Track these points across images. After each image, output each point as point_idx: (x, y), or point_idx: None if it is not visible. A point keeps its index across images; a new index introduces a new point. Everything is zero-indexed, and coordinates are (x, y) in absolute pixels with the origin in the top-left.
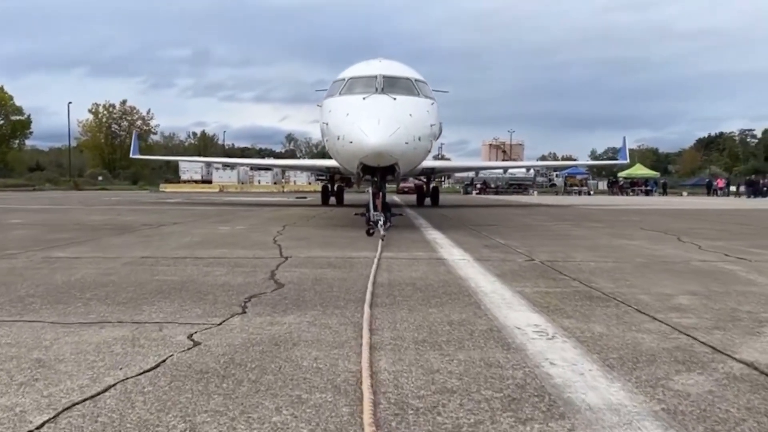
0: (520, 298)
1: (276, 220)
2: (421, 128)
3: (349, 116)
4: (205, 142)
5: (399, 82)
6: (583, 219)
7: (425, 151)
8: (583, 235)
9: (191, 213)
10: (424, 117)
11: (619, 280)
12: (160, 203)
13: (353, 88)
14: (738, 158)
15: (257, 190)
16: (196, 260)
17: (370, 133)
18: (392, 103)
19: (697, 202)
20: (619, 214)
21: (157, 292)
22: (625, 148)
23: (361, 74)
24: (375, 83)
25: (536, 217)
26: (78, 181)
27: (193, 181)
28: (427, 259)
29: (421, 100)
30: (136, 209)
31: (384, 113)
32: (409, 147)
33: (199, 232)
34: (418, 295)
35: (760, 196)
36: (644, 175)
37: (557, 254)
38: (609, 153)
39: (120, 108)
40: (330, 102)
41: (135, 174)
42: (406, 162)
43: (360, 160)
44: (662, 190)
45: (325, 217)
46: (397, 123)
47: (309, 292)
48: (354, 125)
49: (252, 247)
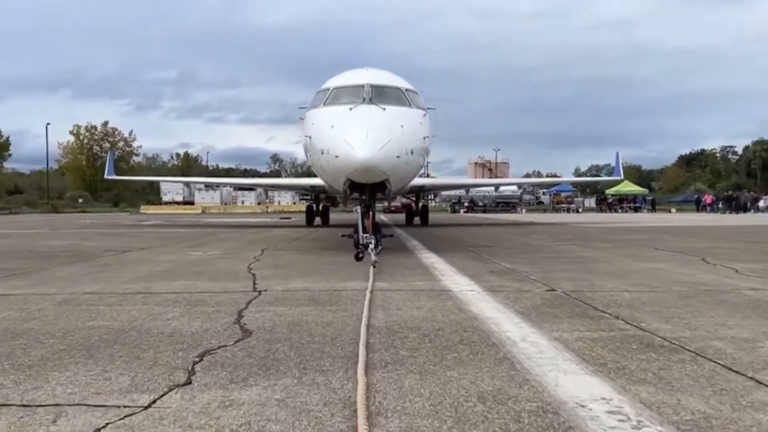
0: (562, 349)
1: (255, 243)
2: (414, 141)
3: (335, 128)
4: (188, 162)
5: (388, 92)
6: (585, 238)
7: (418, 166)
8: (597, 258)
9: (165, 236)
10: (416, 129)
11: (671, 318)
12: (136, 226)
13: (338, 98)
14: (720, 174)
15: (241, 210)
16: (149, 297)
17: (357, 146)
18: (381, 114)
19: (689, 219)
20: (620, 233)
21: (82, 348)
22: (619, 164)
23: (347, 83)
24: (362, 93)
25: (534, 237)
26: (57, 204)
27: (174, 202)
28: (430, 291)
29: (412, 111)
30: (106, 233)
31: (373, 124)
32: (401, 161)
33: (166, 259)
34: (427, 347)
35: (736, 211)
36: (632, 192)
37: (579, 282)
38: (593, 171)
39: (102, 129)
40: (313, 114)
41: (116, 196)
42: (397, 178)
43: (347, 176)
44: (651, 207)
45: (309, 239)
46: (388, 135)
47: (283, 344)
48: (340, 138)
49: (221, 278)
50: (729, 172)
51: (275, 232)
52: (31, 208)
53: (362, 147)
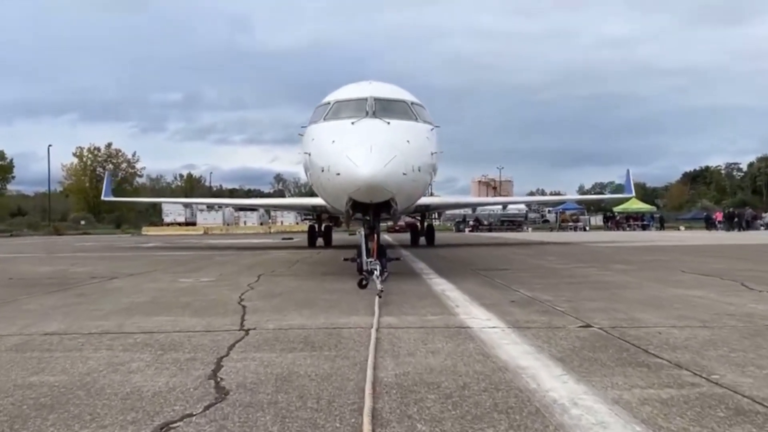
0: (629, 418)
1: (253, 267)
2: (421, 157)
3: (336, 144)
4: (191, 183)
5: (393, 105)
6: (601, 260)
7: (425, 184)
8: (622, 283)
9: (160, 260)
10: (423, 144)
11: (745, 365)
12: (134, 248)
13: (340, 113)
14: (725, 191)
15: (243, 231)
16: (117, 339)
17: (361, 162)
18: (386, 128)
19: (701, 237)
20: (636, 253)
21: (4, 420)
22: (630, 181)
23: (349, 97)
24: (365, 106)
25: (547, 258)
26: (58, 226)
27: (176, 223)
28: (445, 328)
29: (419, 125)
30: (100, 257)
31: (377, 139)
32: (407, 179)
33: (153, 287)
34: (452, 417)
35: (738, 228)
36: (640, 210)
37: (614, 314)
38: (597, 188)
39: (105, 151)
40: (313, 129)
41: (119, 217)
42: (404, 197)
43: (349, 196)
44: (659, 224)
45: (309, 261)
46: (393, 150)
47: (266, 412)
48: (341, 154)
49: (208, 312)
50: (734, 189)
51: (275, 255)
52: (33, 230)
53: (365, 163)
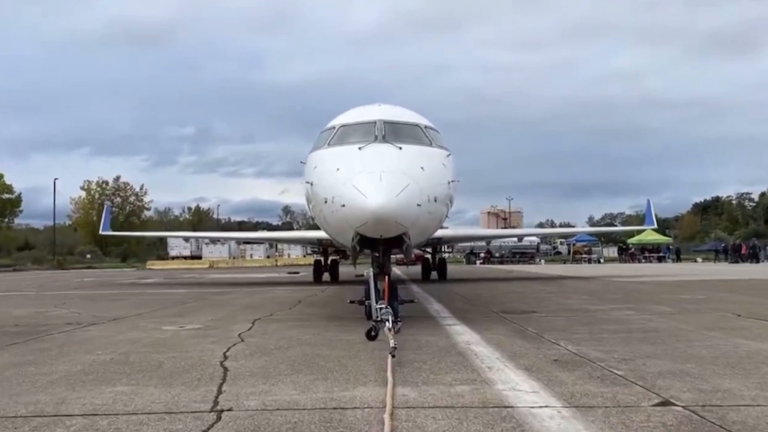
0: None
1: (249, 309)
2: (437, 186)
3: (341, 171)
4: (199, 216)
5: (404, 129)
6: (633, 298)
7: (441, 216)
8: (675, 331)
9: (152, 300)
10: (439, 171)
11: None
12: (132, 285)
13: (346, 138)
14: (738, 222)
15: (249, 264)
16: (43, 428)
17: (369, 192)
18: (397, 154)
19: (724, 270)
20: (669, 290)
21: None
22: (651, 212)
23: (356, 120)
24: (374, 130)
25: (573, 297)
26: (62, 260)
27: (182, 257)
28: (482, 408)
29: (434, 151)
30: (91, 295)
31: (388, 166)
32: (422, 211)
33: (128, 338)
34: None
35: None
36: (656, 241)
37: (692, 382)
38: (607, 219)
39: (113, 184)
40: (316, 156)
41: (125, 251)
42: (418, 231)
43: (356, 230)
44: (675, 256)
45: (313, 302)
46: (406, 179)
47: None
48: (347, 183)
49: (178, 379)
50: (747, 219)
51: (277, 293)
52: (37, 264)
53: (375, 193)
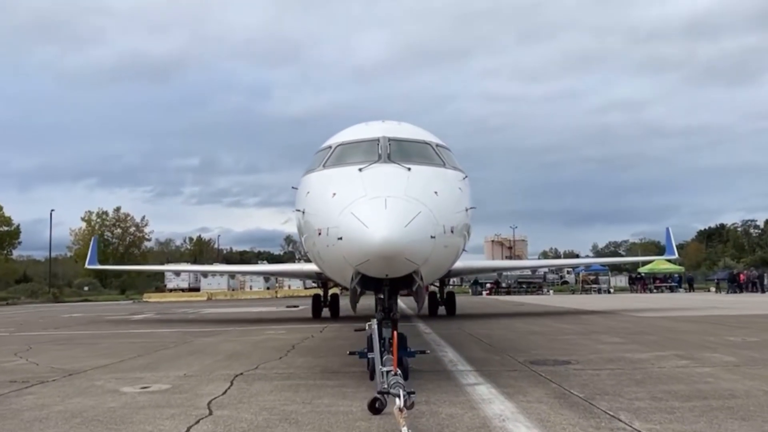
0: None
1: (233, 359)
2: (453, 213)
3: (338, 197)
4: (200, 247)
5: (413, 148)
6: (676, 342)
7: (458, 250)
8: (761, 397)
9: (129, 344)
10: (455, 196)
11: None
12: (117, 323)
13: (344, 158)
14: (744, 249)
15: (248, 297)
16: None
17: (372, 222)
18: (406, 176)
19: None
20: (707, 329)
21: None
22: (671, 241)
23: (356, 138)
24: (377, 149)
25: (604, 339)
26: (57, 293)
27: (179, 289)
28: None
29: (449, 172)
30: (67, 338)
31: (394, 191)
32: (437, 244)
33: (69, 409)
34: None
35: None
36: (668, 270)
37: None
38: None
39: (113, 215)
40: (308, 179)
41: (124, 282)
42: (431, 268)
43: (356, 269)
44: (688, 285)
45: (308, 348)
46: (417, 205)
47: None
48: (345, 211)
49: None
50: (753, 247)
51: (270, 333)
52: (32, 298)
53: (379, 224)
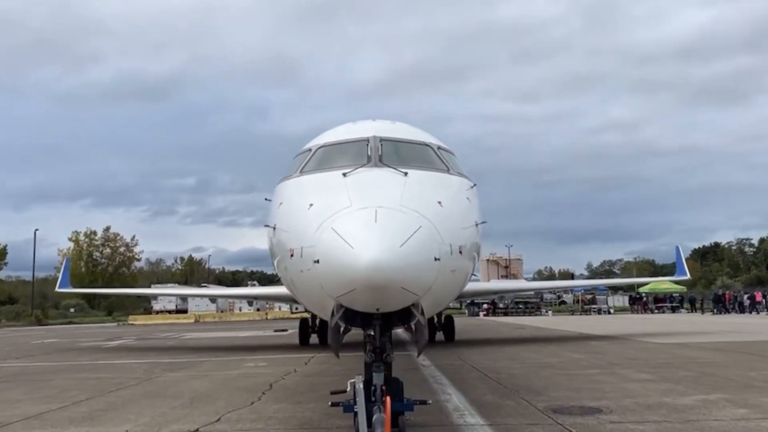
0: None
1: (195, 405)
2: (461, 229)
3: (316, 209)
4: (192, 267)
5: (410, 150)
6: (716, 380)
7: (467, 275)
8: None
9: (82, 382)
10: (463, 208)
11: None
12: (88, 351)
13: (326, 162)
14: (739, 267)
15: (237, 318)
16: None
17: (359, 240)
18: (401, 182)
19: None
20: (741, 361)
21: None
22: (682, 260)
23: (341, 139)
24: (366, 150)
25: (630, 375)
26: (40, 315)
27: (166, 311)
28: None
29: (454, 179)
30: (19, 371)
31: (387, 200)
32: (443, 268)
33: None
34: None
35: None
36: (669, 290)
37: None
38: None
39: (102, 235)
40: (283, 188)
41: (112, 304)
42: (435, 299)
43: (338, 300)
44: (690, 306)
45: (287, 388)
46: (416, 218)
47: None
48: (324, 226)
49: None
50: (748, 265)
51: (248, 367)
52: (13, 321)
53: (367, 242)
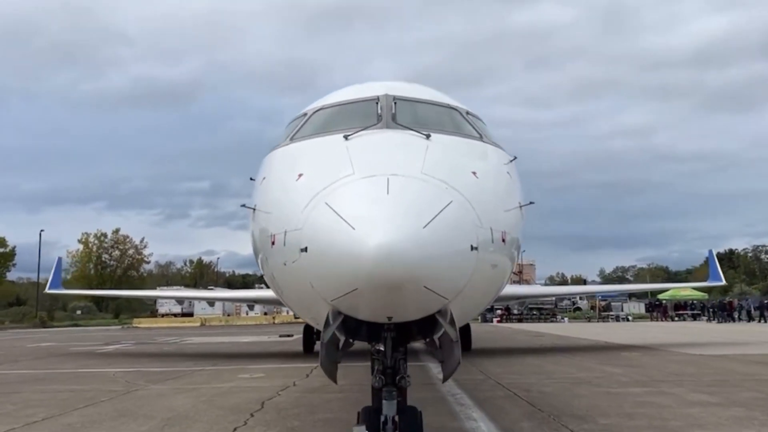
0: None
1: (176, 425)
2: (503, 210)
3: (306, 180)
4: (201, 270)
5: (432, 113)
6: None
7: (509, 271)
8: None
9: (58, 393)
10: (504, 184)
11: None
12: (77, 356)
13: (324, 127)
14: (755, 275)
15: (243, 322)
16: None
17: (362, 218)
18: (423, 147)
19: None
20: None
21: None
22: (716, 265)
23: (344, 99)
24: (376, 109)
25: (682, 394)
26: (45, 318)
27: (171, 314)
28: None
29: (490, 149)
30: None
31: (403, 166)
32: (482, 261)
33: None
34: None
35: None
36: (690, 297)
37: None
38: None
39: (112, 237)
40: (268, 161)
41: (119, 306)
42: (469, 303)
43: (333, 305)
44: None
45: (283, 407)
46: (445, 190)
47: None
48: (316, 201)
49: None
50: (764, 272)
51: (242, 379)
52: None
53: (375, 220)
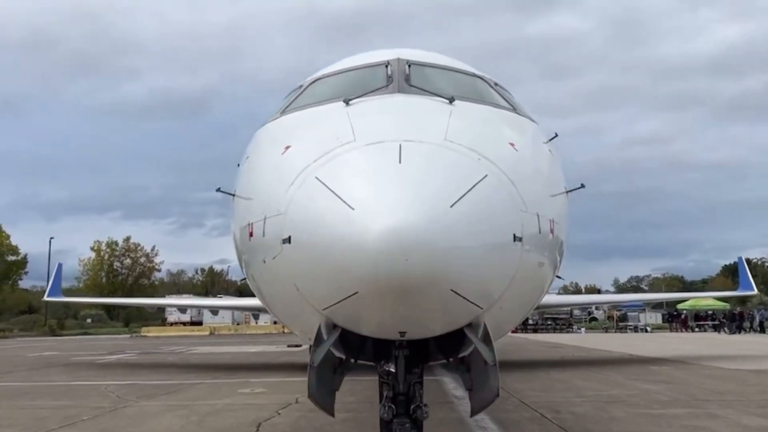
0: None
1: None
2: (549, 194)
3: (292, 152)
4: (212, 278)
5: (454, 80)
6: None
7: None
8: None
9: (40, 409)
10: (547, 162)
11: None
12: (75, 366)
13: (322, 95)
14: None
15: (253, 331)
16: None
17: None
18: (445, 111)
19: None
20: None
21: None
22: (747, 273)
23: (348, 66)
24: (386, 72)
25: (735, 418)
26: (54, 326)
27: (180, 323)
28: None
29: (526, 122)
30: None
31: (421, 130)
32: (527, 256)
33: None
34: None
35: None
36: (710, 307)
37: None
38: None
39: (123, 245)
40: (255, 139)
41: (129, 314)
42: (508, 313)
43: (326, 314)
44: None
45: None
46: (477, 163)
47: None
48: (303, 178)
49: None
50: None
51: (241, 395)
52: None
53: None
